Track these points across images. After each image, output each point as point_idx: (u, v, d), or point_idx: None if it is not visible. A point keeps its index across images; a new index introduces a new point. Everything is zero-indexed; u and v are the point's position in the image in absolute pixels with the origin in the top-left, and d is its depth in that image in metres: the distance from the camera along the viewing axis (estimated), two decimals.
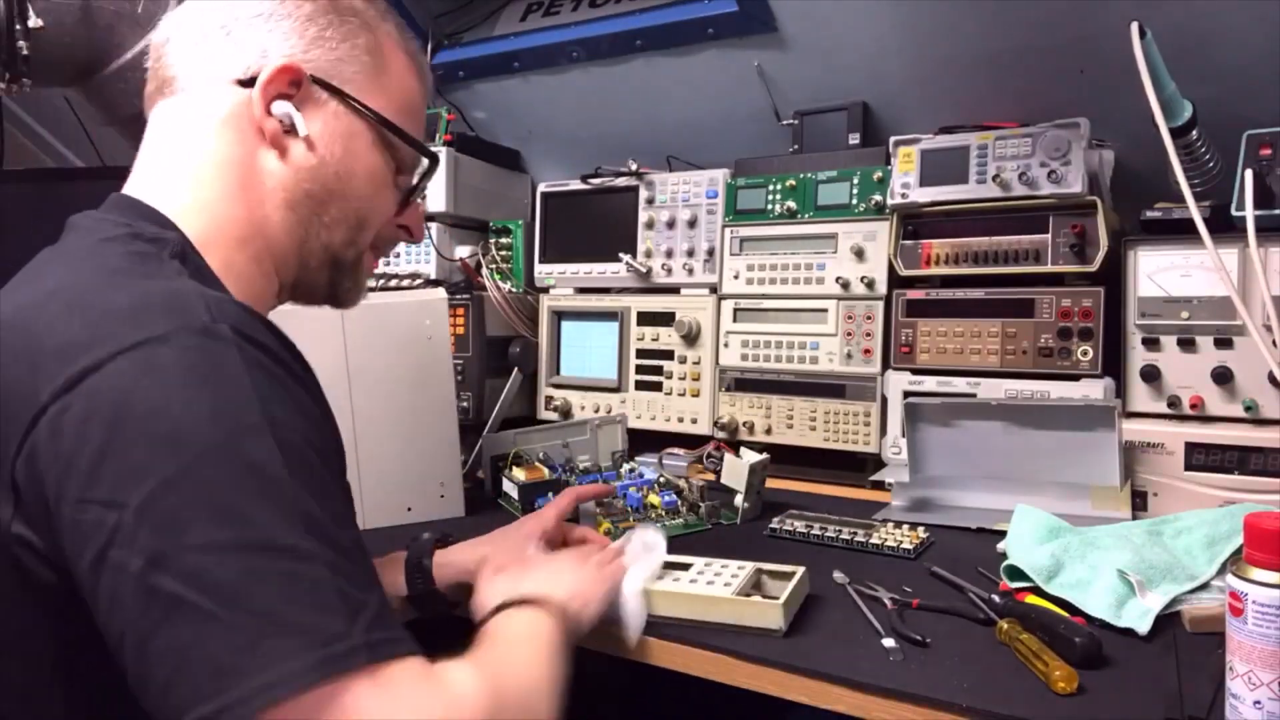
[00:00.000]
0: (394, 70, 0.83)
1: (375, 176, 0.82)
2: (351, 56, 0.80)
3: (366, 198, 0.82)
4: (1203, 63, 1.35)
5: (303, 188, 0.78)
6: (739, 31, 1.69)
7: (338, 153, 0.79)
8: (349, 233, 0.82)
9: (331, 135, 0.79)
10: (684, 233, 1.71)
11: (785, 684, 0.85)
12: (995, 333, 1.41)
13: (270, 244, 0.78)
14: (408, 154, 0.85)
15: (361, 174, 0.81)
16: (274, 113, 0.76)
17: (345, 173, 0.80)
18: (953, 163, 1.42)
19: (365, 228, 0.84)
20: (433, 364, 1.33)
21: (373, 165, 0.82)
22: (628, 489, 1.36)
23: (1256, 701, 0.69)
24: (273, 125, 0.76)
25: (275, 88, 0.76)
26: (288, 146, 0.77)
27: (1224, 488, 1.20)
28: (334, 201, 0.80)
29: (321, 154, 0.78)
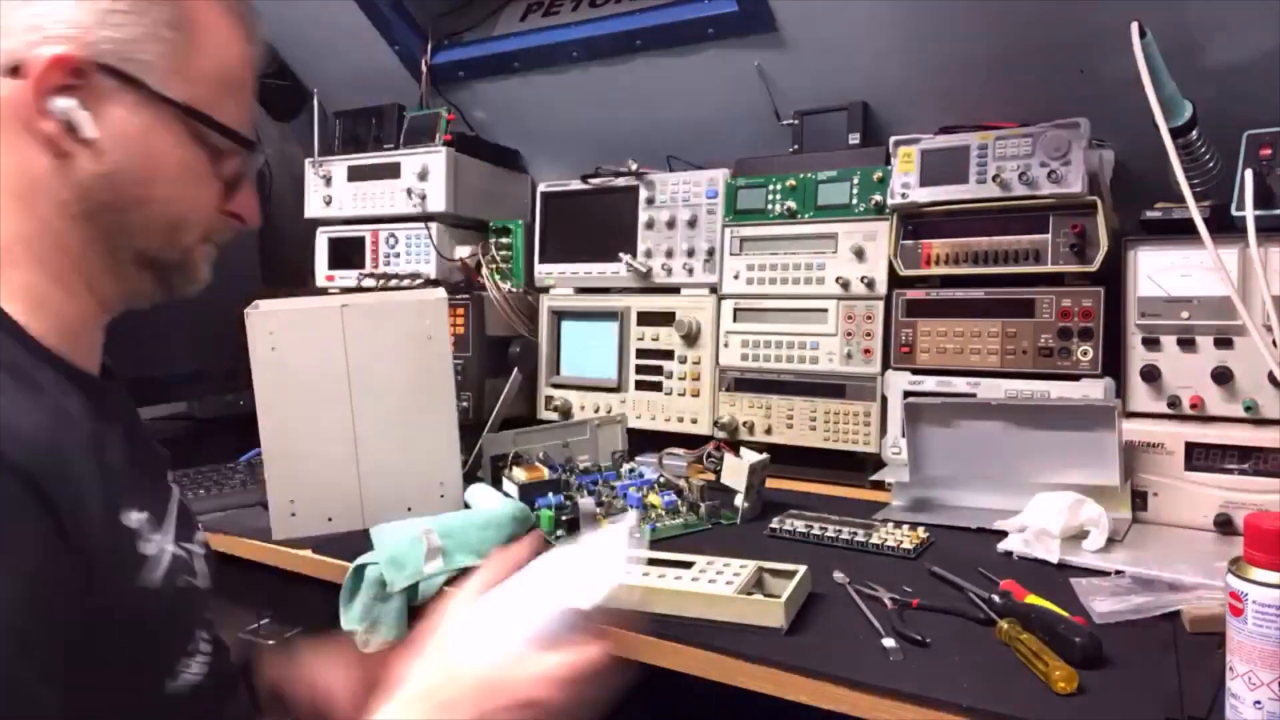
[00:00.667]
0: (209, 42, 0.71)
1: (186, 173, 0.71)
2: (150, 35, 0.67)
3: (178, 199, 0.72)
4: (1203, 63, 1.35)
5: (98, 198, 0.68)
6: (739, 31, 1.69)
7: (136, 154, 0.68)
8: (163, 237, 0.72)
9: (127, 134, 0.67)
10: (684, 233, 1.71)
11: (785, 684, 0.85)
12: (995, 333, 1.41)
13: (73, 261, 0.69)
14: (225, 141, 0.73)
15: (169, 173, 0.70)
16: (52, 111, 0.64)
17: (147, 176, 0.69)
18: (953, 163, 1.42)
19: (183, 227, 0.73)
20: (433, 364, 1.33)
21: (182, 161, 0.71)
22: (628, 489, 1.36)
23: (1256, 701, 0.69)
24: (51, 127, 0.65)
25: (52, 80, 0.64)
26: (73, 151, 0.66)
27: (1224, 488, 1.20)
28: (138, 208, 0.70)
29: (116, 157, 0.67)
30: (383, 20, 2.02)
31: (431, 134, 1.95)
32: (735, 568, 0.99)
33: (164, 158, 0.70)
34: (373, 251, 2.01)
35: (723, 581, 0.96)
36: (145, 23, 0.67)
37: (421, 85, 2.08)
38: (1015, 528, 1.18)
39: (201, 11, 0.70)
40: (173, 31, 0.68)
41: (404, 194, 1.92)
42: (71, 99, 0.65)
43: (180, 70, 0.69)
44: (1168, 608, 0.94)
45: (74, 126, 0.65)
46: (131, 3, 0.66)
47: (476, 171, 2.00)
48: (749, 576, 0.97)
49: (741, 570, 0.99)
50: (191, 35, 0.69)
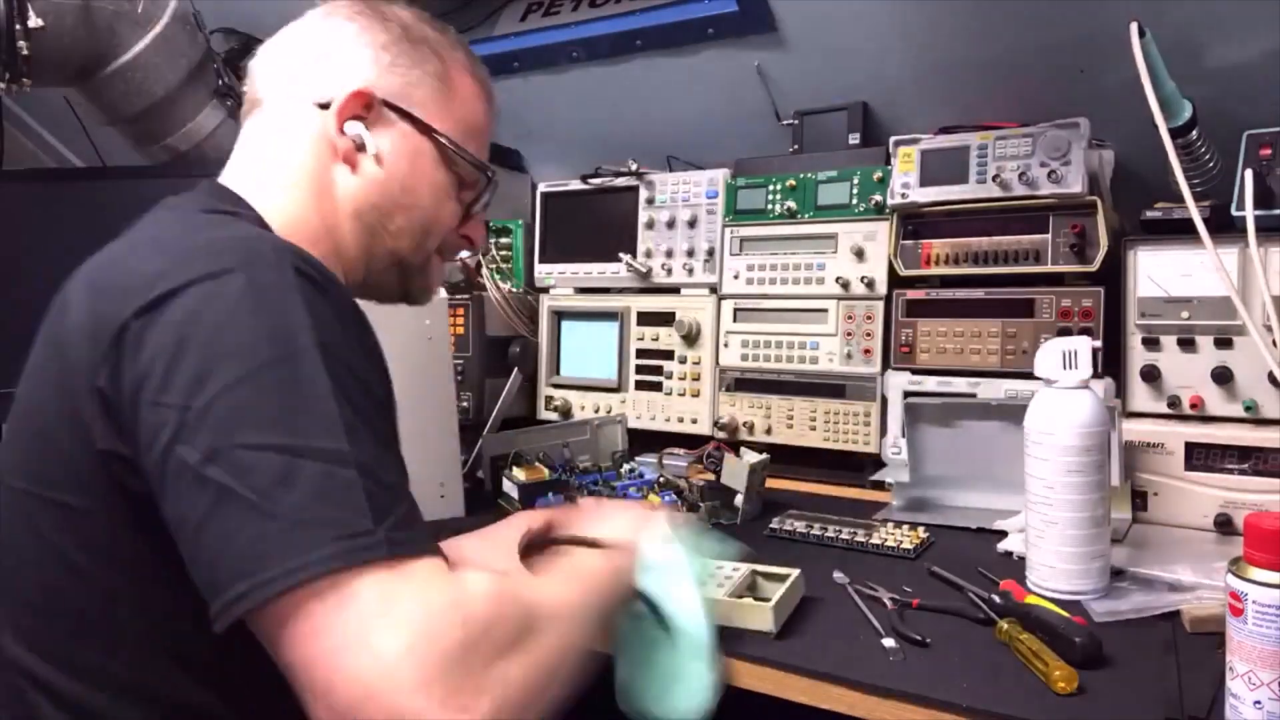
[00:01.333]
0: (460, 95, 0.90)
1: (438, 190, 0.89)
2: (420, 82, 0.87)
3: (430, 209, 0.89)
4: (1203, 63, 1.35)
5: (370, 199, 0.86)
6: (739, 31, 1.69)
7: (404, 168, 0.86)
8: (414, 239, 0.89)
9: (398, 153, 0.86)
10: (684, 233, 1.71)
11: (785, 684, 0.85)
12: (995, 333, 1.41)
13: (338, 248, 0.86)
14: (469, 171, 0.91)
15: (425, 188, 0.88)
16: (347, 132, 0.84)
17: (410, 186, 0.87)
18: (953, 163, 1.42)
19: (429, 235, 0.91)
20: (433, 364, 1.33)
21: (436, 180, 0.89)
22: (628, 489, 1.36)
23: (1256, 701, 0.69)
24: (345, 143, 0.84)
25: (349, 110, 0.84)
26: (358, 162, 0.85)
27: (1224, 488, 1.20)
28: (399, 212, 0.87)
29: (388, 169, 0.86)
30: None
31: None
32: (729, 569, 0.99)
33: (424, 175, 0.88)
34: None
35: (714, 584, 0.96)
36: (417, 73, 0.87)
37: None
38: (1015, 528, 1.18)
39: (457, 72, 0.91)
40: (437, 81, 0.88)
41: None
42: (361, 124, 0.84)
43: (441, 111, 0.88)
44: (1168, 608, 0.94)
45: (362, 145, 0.84)
46: (408, 57, 0.87)
47: None
48: (741, 580, 0.97)
49: (734, 573, 0.98)
50: (450, 87, 0.89)
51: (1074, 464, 0.98)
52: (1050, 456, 0.99)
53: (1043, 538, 1.01)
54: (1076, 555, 0.99)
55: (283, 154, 0.85)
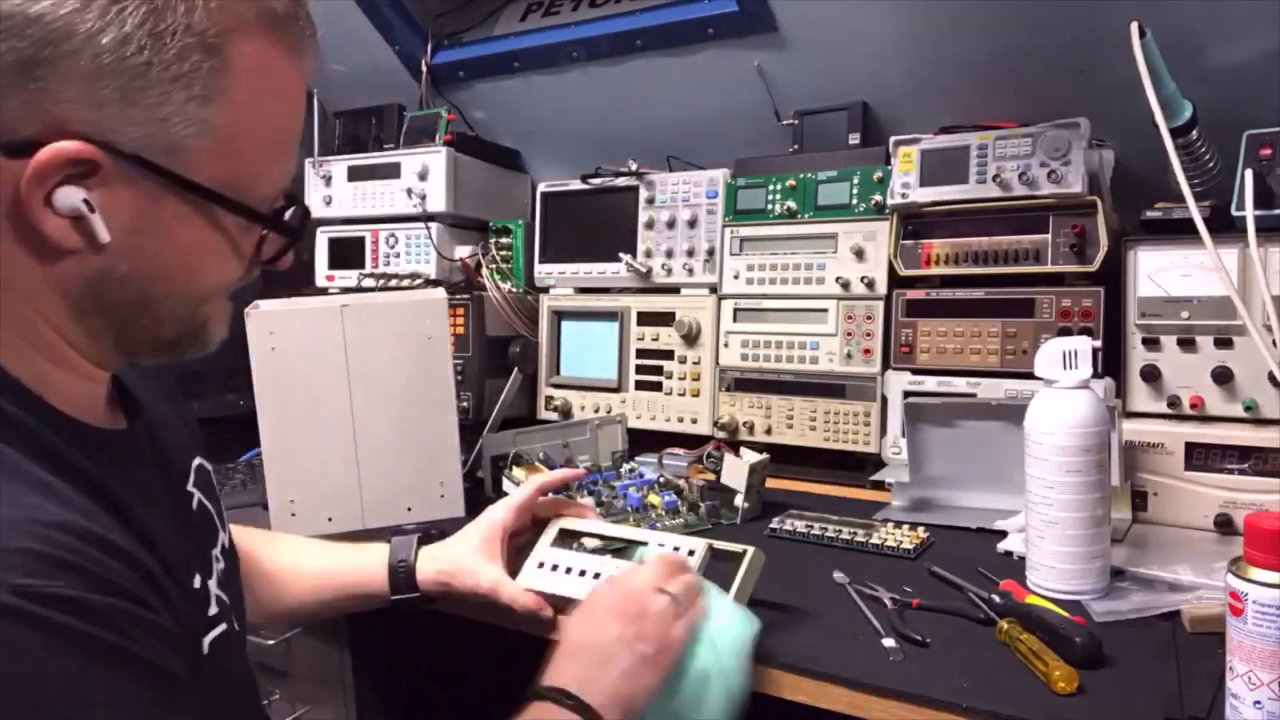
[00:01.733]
0: (249, 98, 0.59)
1: (214, 255, 0.63)
2: (182, 112, 0.56)
3: (199, 282, 0.64)
4: (1203, 63, 1.35)
5: (109, 295, 0.59)
6: (739, 31, 1.69)
7: (155, 247, 0.59)
8: (182, 321, 0.65)
9: (147, 226, 0.58)
10: (684, 233, 1.71)
11: (785, 684, 0.85)
12: (995, 333, 1.41)
13: (88, 353, 0.62)
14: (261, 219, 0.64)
15: (193, 263, 0.62)
16: (57, 206, 0.54)
17: (168, 270, 0.61)
18: (953, 163, 1.42)
19: (205, 302, 0.66)
20: (433, 364, 1.33)
21: (208, 247, 0.62)
22: (628, 489, 1.36)
23: (1256, 701, 0.69)
24: (56, 223, 0.55)
25: (58, 171, 0.54)
26: (78, 247, 0.56)
27: (1224, 488, 1.20)
28: (155, 304, 0.62)
29: (130, 256, 0.58)
30: (383, 20, 2.02)
31: (431, 134, 1.95)
32: (687, 548, 0.96)
33: (186, 249, 0.61)
34: (373, 251, 2.01)
35: None
36: (177, 100, 0.56)
37: (421, 85, 2.08)
38: (1015, 528, 1.18)
39: (249, 67, 0.58)
40: (207, 107, 0.57)
41: (404, 194, 1.92)
42: (80, 189, 0.55)
43: (215, 147, 0.58)
44: (1168, 608, 0.94)
45: (80, 217, 0.55)
46: (163, 75, 0.55)
47: (476, 171, 2.00)
48: (700, 562, 0.94)
49: (691, 557, 0.94)
50: (233, 101, 0.58)
51: (1074, 464, 0.98)
52: (1050, 456, 0.99)
53: (1043, 538, 1.01)
54: (1076, 555, 0.99)
55: None
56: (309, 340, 1.28)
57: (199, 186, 0.58)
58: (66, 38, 0.52)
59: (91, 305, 0.59)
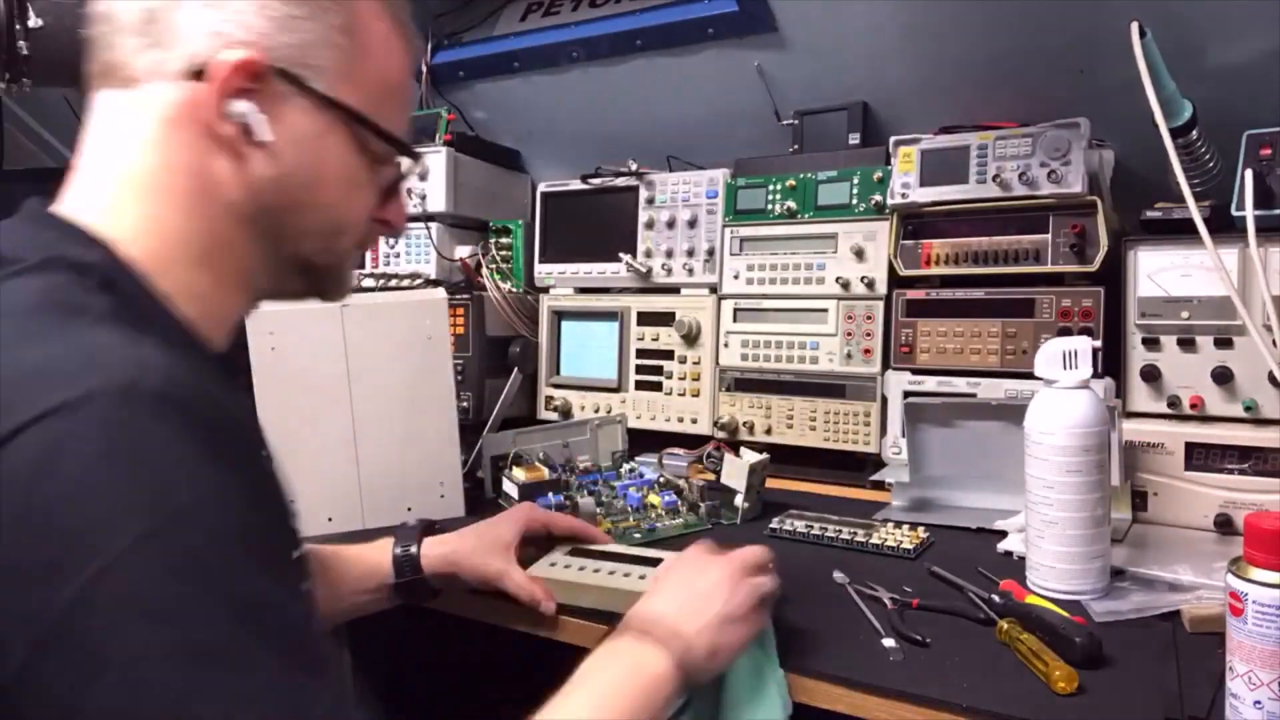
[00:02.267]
0: (375, 49, 0.71)
1: (350, 179, 0.72)
2: (323, 40, 0.67)
3: (340, 204, 0.72)
4: (1203, 63, 1.35)
5: (264, 199, 0.68)
6: (739, 31, 1.69)
7: (306, 158, 0.68)
8: (323, 240, 0.73)
9: (299, 138, 0.68)
10: (684, 233, 1.71)
11: None
12: (995, 333, 1.41)
13: (236, 261, 0.69)
14: (386, 147, 0.74)
15: (333, 179, 0.71)
16: (230, 114, 0.64)
17: (315, 180, 0.70)
18: (953, 163, 1.42)
19: (341, 233, 0.74)
20: (433, 364, 1.33)
21: (347, 167, 0.71)
22: (628, 489, 1.36)
23: (1256, 701, 0.69)
24: (228, 129, 0.65)
25: (232, 84, 0.64)
26: (247, 153, 0.66)
27: (1224, 488, 1.20)
28: (303, 212, 0.70)
29: (287, 161, 0.67)
30: None
31: (431, 134, 1.95)
32: None
33: (331, 163, 0.70)
34: (373, 251, 2.01)
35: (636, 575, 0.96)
36: (320, 28, 0.67)
37: (421, 85, 2.08)
38: (1015, 528, 1.18)
39: (369, 18, 0.70)
40: (344, 37, 0.68)
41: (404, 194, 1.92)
42: (250, 103, 0.64)
43: (350, 76, 0.69)
44: (1168, 608, 0.94)
45: (250, 130, 0.65)
46: (308, 9, 0.66)
47: (476, 171, 2.00)
48: None
49: None
50: (360, 41, 0.69)
51: (1074, 464, 0.98)
52: (1050, 456, 0.99)
53: (1043, 538, 1.01)
54: (1076, 555, 0.99)
55: (143, 146, 0.65)
56: (309, 340, 1.28)
57: (341, 105, 0.68)
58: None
59: (252, 212, 0.68)
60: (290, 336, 1.27)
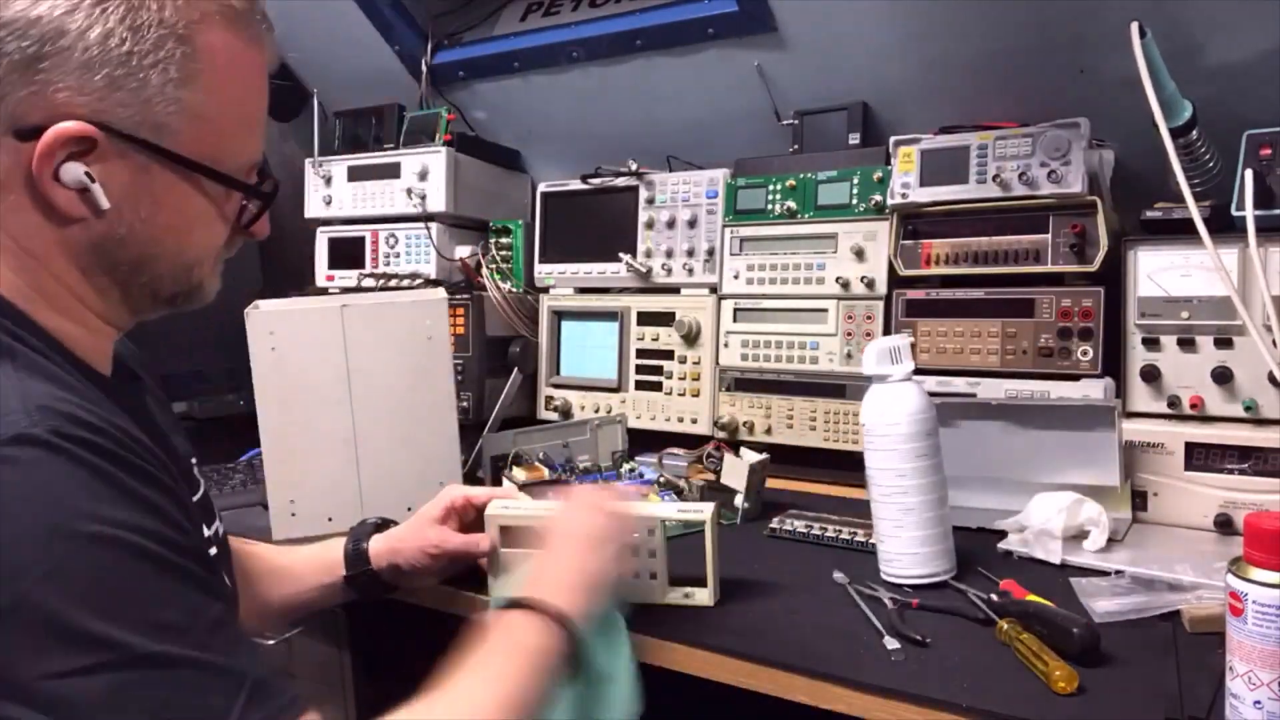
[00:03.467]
0: (224, 88, 0.69)
1: (197, 222, 0.72)
2: (162, 93, 0.65)
3: (189, 247, 0.72)
4: (1203, 63, 1.35)
5: (113, 255, 0.68)
6: (739, 31, 1.69)
7: (147, 214, 0.68)
8: (177, 279, 0.73)
9: (137, 196, 0.67)
10: (684, 233, 1.71)
11: (785, 684, 0.85)
12: (995, 333, 1.41)
13: (98, 309, 0.70)
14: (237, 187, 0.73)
15: (180, 226, 0.71)
16: (64, 179, 0.64)
17: (159, 234, 0.69)
18: (953, 163, 1.42)
19: (194, 267, 0.74)
20: (433, 364, 1.33)
21: (193, 212, 0.71)
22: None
23: (1256, 701, 0.69)
24: (61, 194, 0.64)
25: (63, 148, 0.63)
26: (84, 215, 0.65)
27: (1224, 488, 1.20)
28: (150, 262, 0.70)
29: (127, 220, 0.67)
30: (383, 20, 2.02)
31: (431, 134, 1.95)
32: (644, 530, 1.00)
33: (175, 213, 0.70)
34: (373, 251, 2.01)
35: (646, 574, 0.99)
36: (157, 79, 0.65)
37: (421, 85, 2.08)
38: (1015, 527, 1.19)
39: (216, 55, 0.68)
40: (183, 89, 0.66)
41: (404, 194, 1.93)
42: (81, 165, 0.64)
43: (194, 121, 0.67)
44: (1168, 608, 0.94)
45: (84, 190, 0.65)
46: (140, 54, 0.64)
47: (476, 171, 2.00)
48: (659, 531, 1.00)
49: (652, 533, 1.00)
50: (202, 80, 0.67)
51: (921, 448, 1.06)
52: (899, 445, 1.06)
53: (901, 526, 1.06)
54: (935, 536, 1.05)
55: None
56: (309, 340, 1.28)
57: (182, 158, 0.68)
58: (61, 35, 0.62)
59: (98, 265, 0.69)
60: (290, 336, 1.27)
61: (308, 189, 2.08)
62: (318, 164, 2.05)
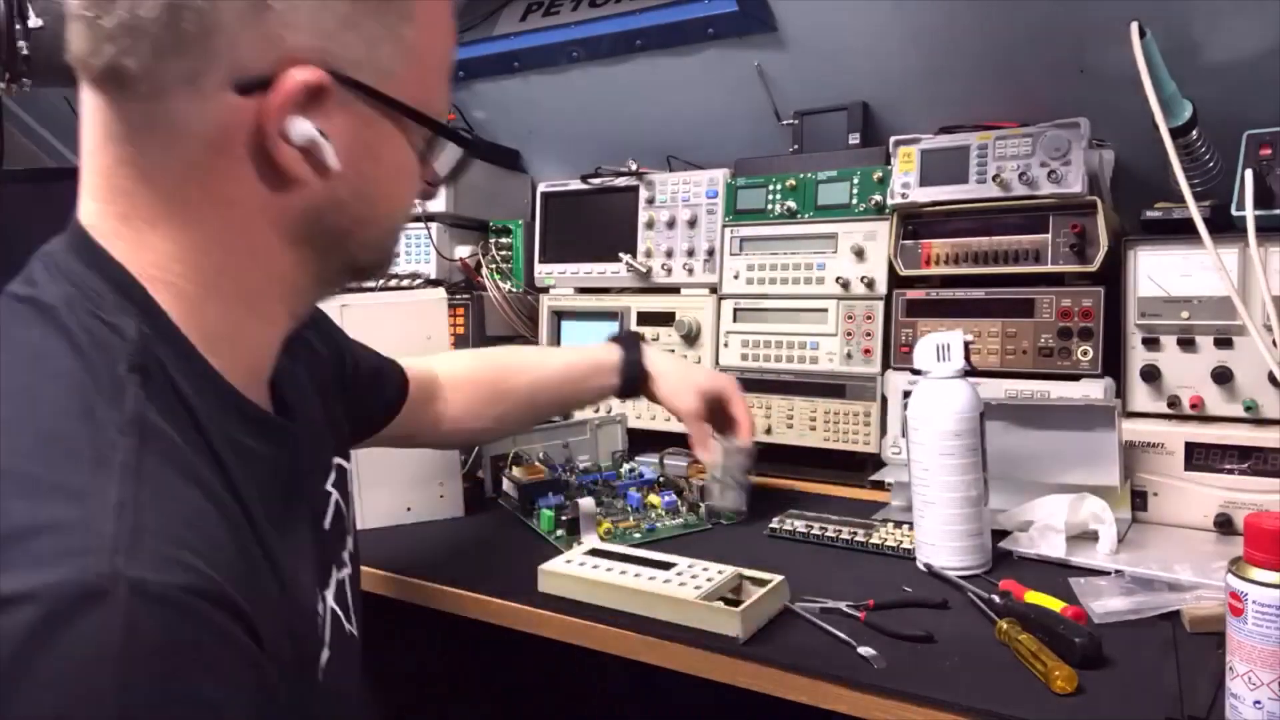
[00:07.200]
0: (429, 15, 0.62)
1: (405, 177, 0.65)
2: (390, 35, 0.58)
3: (399, 208, 0.66)
4: (1203, 62, 1.35)
5: (324, 222, 0.60)
6: (739, 31, 1.69)
7: (369, 171, 0.60)
8: (380, 247, 0.67)
9: (362, 150, 0.59)
10: (684, 232, 1.71)
11: (786, 684, 0.85)
12: (995, 333, 1.41)
13: (286, 289, 0.61)
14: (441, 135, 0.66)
15: (392, 184, 0.63)
16: (292, 137, 0.55)
17: (378, 193, 0.62)
18: (953, 163, 1.42)
19: (399, 229, 0.68)
20: None
21: (403, 167, 0.64)
22: (628, 489, 1.36)
23: (1256, 701, 0.69)
24: (290, 155, 0.55)
25: (293, 102, 0.54)
26: (305, 178, 0.57)
27: (1224, 488, 1.20)
28: (364, 228, 0.62)
29: (350, 179, 0.59)
30: None
31: None
32: (714, 572, 0.99)
33: (390, 169, 0.62)
34: None
35: (692, 585, 0.95)
36: (387, 21, 0.58)
37: None
38: (1015, 527, 1.19)
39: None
40: (404, 25, 0.59)
41: None
42: (312, 121, 0.55)
43: (412, 66, 0.60)
44: (1168, 608, 0.94)
45: (310, 152, 0.56)
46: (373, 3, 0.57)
47: (477, 171, 2.00)
48: (725, 581, 0.97)
49: (718, 575, 0.98)
50: (420, 20, 0.61)
51: (947, 447, 1.08)
52: (926, 441, 1.09)
53: (924, 517, 1.10)
54: (955, 533, 1.08)
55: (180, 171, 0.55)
56: None
57: (405, 106, 0.60)
58: None
59: (307, 234, 0.60)
60: None
61: None
62: None
